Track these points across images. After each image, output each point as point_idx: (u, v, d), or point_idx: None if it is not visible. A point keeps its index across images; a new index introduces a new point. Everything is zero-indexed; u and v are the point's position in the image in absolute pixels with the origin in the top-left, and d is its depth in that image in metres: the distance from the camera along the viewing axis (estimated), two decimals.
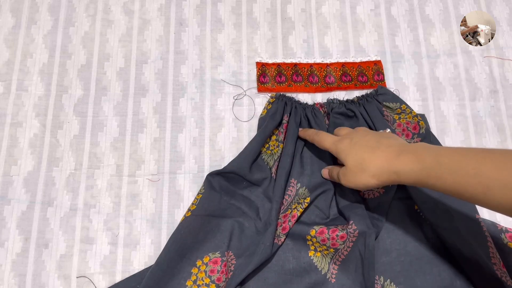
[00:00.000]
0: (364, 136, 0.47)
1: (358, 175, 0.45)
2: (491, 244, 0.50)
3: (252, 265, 0.49)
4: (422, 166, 0.40)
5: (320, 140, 0.52)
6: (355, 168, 0.46)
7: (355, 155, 0.46)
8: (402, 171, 0.42)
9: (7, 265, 0.54)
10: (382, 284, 0.51)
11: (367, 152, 0.45)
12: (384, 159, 0.43)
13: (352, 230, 0.50)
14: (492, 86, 0.64)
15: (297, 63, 0.64)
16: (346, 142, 0.48)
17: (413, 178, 0.41)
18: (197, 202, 0.54)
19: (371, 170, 0.44)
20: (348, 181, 0.47)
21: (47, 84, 0.62)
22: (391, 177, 0.43)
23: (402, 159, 0.42)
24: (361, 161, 0.45)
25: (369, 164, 0.44)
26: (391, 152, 0.43)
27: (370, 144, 0.46)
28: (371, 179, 0.44)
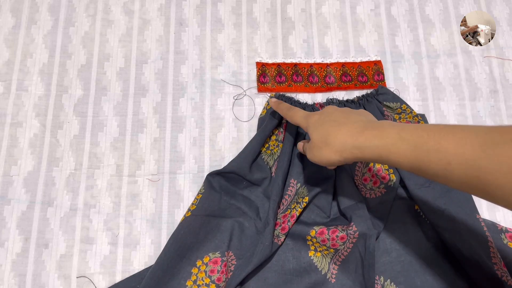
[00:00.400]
0: (334, 112, 0.47)
1: (322, 150, 0.44)
2: (491, 244, 0.50)
3: (252, 265, 0.49)
4: (384, 142, 0.39)
5: (292, 115, 0.51)
6: (320, 143, 0.45)
7: (321, 129, 0.45)
8: (365, 146, 0.41)
9: (7, 265, 0.54)
10: (382, 284, 0.51)
11: (333, 126, 0.44)
12: (348, 134, 0.42)
13: (352, 232, 0.50)
14: (492, 86, 0.64)
15: (297, 63, 0.64)
16: (316, 118, 0.47)
17: (376, 154, 0.40)
18: (197, 202, 0.54)
19: (335, 145, 0.43)
20: (312, 156, 0.47)
21: (47, 84, 0.62)
22: (354, 153, 0.42)
23: (365, 134, 0.41)
24: (326, 135, 0.44)
25: (333, 139, 0.43)
26: (356, 128, 0.42)
27: (337, 119, 0.45)
28: (333, 155, 0.44)
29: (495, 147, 0.31)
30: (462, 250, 0.50)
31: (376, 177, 0.55)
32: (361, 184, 0.56)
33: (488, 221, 0.55)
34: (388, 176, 0.55)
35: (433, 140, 0.36)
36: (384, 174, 0.55)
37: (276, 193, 0.53)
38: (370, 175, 0.56)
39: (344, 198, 0.53)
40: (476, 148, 0.32)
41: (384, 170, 0.55)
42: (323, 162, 0.45)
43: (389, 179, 0.55)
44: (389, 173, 0.55)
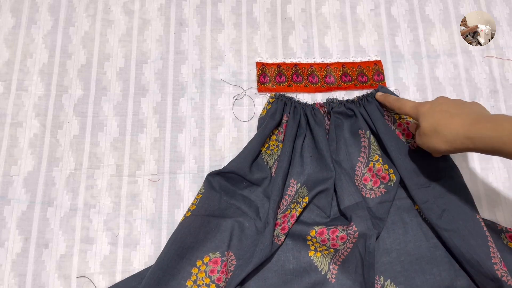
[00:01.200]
0: (446, 102, 0.48)
1: (432, 138, 0.46)
2: (491, 243, 0.50)
3: (252, 264, 0.49)
4: (500, 133, 0.40)
5: (400, 106, 0.53)
6: (430, 132, 0.46)
7: (431, 118, 0.46)
8: (478, 137, 0.42)
9: (7, 265, 0.54)
10: (382, 284, 0.51)
11: (445, 117, 0.45)
12: (460, 125, 0.43)
13: (352, 232, 0.50)
14: (492, 86, 0.64)
15: (297, 63, 0.64)
16: (427, 106, 0.48)
17: (488, 145, 0.41)
18: (197, 202, 0.54)
19: (446, 134, 0.45)
20: (421, 142, 0.48)
21: (47, 84, 0.62)
22: (465, 143, 0.43)
23: (479, 126, 0.42)
24: (436, 125, 0.45)
25: (444, 128, 0.45)
26: (469, 119, 0.43)
27: (450, 110, 0.46)
28: (443, 144, 0.45)
29: None
30: (462, 250, 0.50)
31: (376, 177, 0.55)
32: (361, 184, 0.56)
33: (488, 221, 0.55)
34: (388, 176, 0.55)
35: None
36: (384, 174, 0.55)
37: (276, 193, 0.53)
38: (370, 175, 0.56)
39: (344, 198, 0.53)
40: None
41: (384, 170, 0.55)
42: (431, 149, 0.47)
43: (389, 179, 0.55)
44: (389, 173, 0.55)
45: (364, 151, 0.56)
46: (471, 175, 0.59)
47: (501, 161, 0.60)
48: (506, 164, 0.60)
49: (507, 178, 0.59)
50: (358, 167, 0.56)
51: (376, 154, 0.56)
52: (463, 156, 0.60)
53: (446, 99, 0.49)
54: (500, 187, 0.59)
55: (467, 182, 0.55)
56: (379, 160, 0.55)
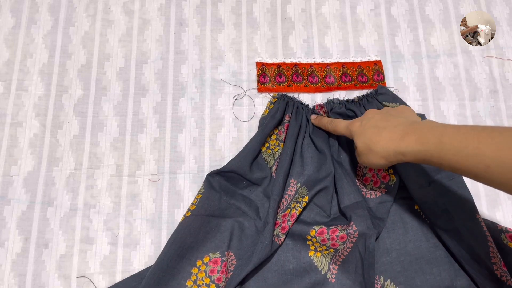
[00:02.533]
0: (373, 117, 0.48)
1: (369, 156, 0.47)
2: (491, 243, 0.50)
3: (252, 264, 0.49)
4: (425, 147, 0.41)
5: (334, 127, 0.53)
6: (365, 150, 0.47)
7: (363, 137, 0.47)
8: (407, 152, 0.43)
9: (7, 265, 0.54)
10: (382, 284, 0.51)
11: (374, 133, 0.46)
12: (390, 141, 0.44)
13: (352, 231, 0.50)
14: (492, 86, 0.64)
15: (297, 63, 0.64)
16: (357, 125, 0.49)
17: (418, 158, 0.42)
18: (197, 202, 0.54)
19: (378, 151, 0.45)
20: (362, 161, 0.49)
21: (47, 84, 0.62)
22: (398, 157, 0.44)
23: (406, 140, 0.43)
24: (369, 143, 0.46)
25: (376, 146, 0.45)
26: (396, 133, 0.44)
27: (378, 125, 0.47)
28: (379, 160, 0.46)
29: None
30: (462, 250, 0.50)
31: (376, 177, 0.55)
32: (361, 184, 0.56)
33: (488, 221, 0.55)
34: (388, 176, 0.55)
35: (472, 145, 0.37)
36: (384, 174, 0.55)
37: (276, 192, 0.53)
38: (371, 175, 0.56)
39: (344, 198, 0.53)
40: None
41: (384, 170, 0.55)
42: (373, 166, 0.48)
43: (390, 179, 0.55)
44: (389, 173, 0.55)
45: None
46: None
47: None
48: None
49: None
50: (359, 167, 0.56)
51: None
52: None
53: (373, 113, 0.49)
54: None
55: (467, 182, 0.55)
56: None
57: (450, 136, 0.39)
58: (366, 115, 0.49)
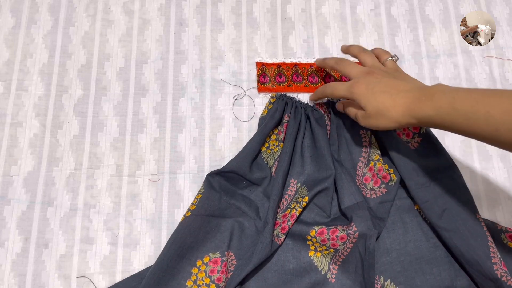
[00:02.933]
0: (380, 80, 0.49)
1: (380, 120, 0.48)
2: (491, 243, 0.50)
3: (252, 264, 0.49)
4: (438, 112, 0.44)
5: (333, 91, 0.54)
6: (376, 114, 0.48)
7: (374, 101, 0.48)
8: (420, 116, 0.45)
9: (7, 265, 0.54)
10: (382, 284, 0.51)
11: (387, 98, 0.47)
12: (404, 106, 0.46)
13: (352, 232, 0.50)
14: (492, 86, 0.64)
15: (297, 63, 0.64)
16: (363, 88, 0.49)
17: (431, 122, 0.45)
18: (197, 202, 0.54)
19: (393, 115, 0.47)
20: (368, 124, 0.50)
21: (47, 84, 0.62)
22: (411, 121, 0.46)
23: (420, 105, 0.45)
24: (382, 107, 0.48)
25: (391, 110, 0.47)
26: (410, 98, 0.46)
27: (388, 90, 0.48)
28: (391, 123, 0.48)
29: None
30: (462, 250, 0.50)
31: (377, 176, 0.55)
32: (362, 184, 0.55)
33: (488, 221, 0.55)
34: (389, 176, 0.55)
35: (482, 109, 0.40)
36: (385, 174, 0.55)
37: (276, 192, 0.53)
38: (371, 174, 0.56)
39: (345, 198, 0.53)
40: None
41: (385, 170, 0.55)
42: (380, 128, 0.50)
43: (390, 178, 0.55)
44: (389, 173, 0.55)
45: (365, 151, 0.56)
46: (471, 175, 0.59)
47: (501, 161, 0.60)
48: (506, 164, 0.60)
49: (507, 178, 0.59)
50: (359, 167, 0.56)
51: (376, 153, 0.56)
52: (463, 156, 0.60)
53: (378, 75, 0.50)
54: (500, 187, 0.59)
55: (467, 182, 0.55)
56: (379, 160, 0.55)
57: (462, 101, 0.42)
58: (369, 79, 0.50)
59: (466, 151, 0.60)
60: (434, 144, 0.55)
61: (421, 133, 0.57)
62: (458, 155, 0.60)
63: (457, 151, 0.60)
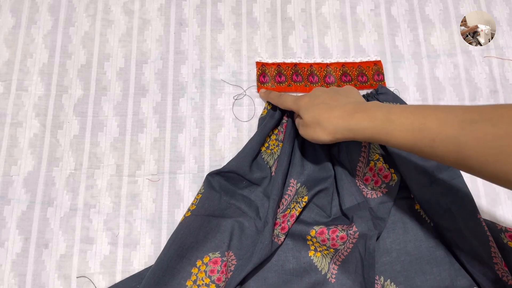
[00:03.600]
0: (323, 94, 0.50)
1: (316, 130, 0.48)
2: (492, 243, 0.50)
3: (251, 264, 0.49)
4: (373, 123, 0.43)
5: (283, 102, 0.55)
6: (312, 124, 0.48)
7: (312, 111, 0.49)
8: (356, 128, 0.45)
9: (7, 265, 0.54)
10: (382, 284, 0.51)
11: (324, 109, 0.48)
12: (340, 117, 0.46)
13: (353, 232, 0.50)
14: (492, 86, 0.64)
15: (297, 63, 0.64)
16: (306, 100, 0.51)
17: (366, 134, 0.44)
18: (196, 202, 0.54)
19: (327, 127, 0.47)
20: (305, 134, 0.50)
21: (47, 84, 0.62)
22: (345, 134, 0.46)
23: (356, 117, 0.45)
24: (318, 117, 0.48)
25: (325, 121, 0.47)
26: (346, 111, 0.46)
27: (328, 102, 0.48)
28: (326, 135, 0.47)
29: (473, 124, 0.36)
30: (464, 250, 0.50)
31: (377, 176, 0.55)
32: (362, 185, 0.55)
33: (487, 221, 0.55)
34: (390, 175, 0.55)
35: (417, 121, 0.40)
36: (386, 173, 0.55)
37: (276, 192, 0.53)
38: (372, 174, 0.56)
39: (346, 199, 0.53)
40: (456, 126, 0.37)
41: (386, 169, 0.55)
42: (315, 140, 0.49)
43: (391, 178, 0.55)
44: (391, 172, 0.55)
45: (365, 150, 0.56)
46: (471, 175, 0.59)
47: None
48: None
49: None
50: (359, 167, 0.56)
51: (376, 153, 0.56)
52: None
53: (322, 90, 0.51)
54: (500, 187, 0.59)
55: (467, 182, 0.55)
56: (380, 159, 0.55)
57: (397, 113, 0.42)
58: (314, 92, 0.51)
59: None
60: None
61: None
62: None
63: None
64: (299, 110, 0.51)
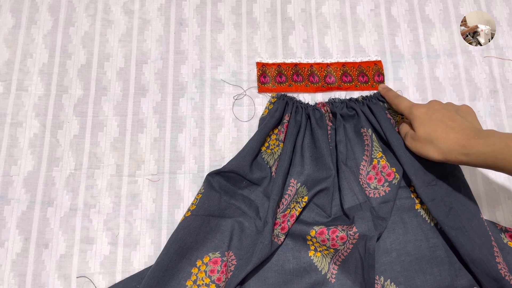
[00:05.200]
0: (441, 109, 0.50)
1: (426, 147, 0.49)
2: (494, 243, 0.50)
3: (251, 264, 0.49)
4: (491, 149, 0.43)
5: (397, 104, 0.55)
6: (424, 140, 0.49)
7: (428, 127, 0.49)
8: (472, 153, 0.45)
9: (7, 265, 0.54)
10: (382, 284, 0.51)
11: (441, 129, 0.48)
12: (456, 141, 0.46)
13: (353, 233, 0.50)
14: (492, 86, 0.64)
15: (297, 63, 0.64)
16: (423, 111, 0.50)
17: (481, 160, 0.45)
18: (196, 202, 0.54)
19: (441, 147, 0.47)
20: (414, 147, 0.51)
21: (47, 84, 0.62)
22: (459, 158, 0.46)
23: (473, 142, 0.45)
24: (433, 135, 0.48)
25: (441, 142, 0.47)
26: (464, 135, 0.46)
27: (445, 121, 0.48)
28: (437, 155, 0.48)
29: None
30: (467, 249, 0.50)
31: (381, 174, 0.55)
32: (365, 183, 0.55)
33: (487, 221, 0.55)
34: (393, 174, 0.55)
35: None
36: (390, 171, 0.55)
37: (276, 192, 0.53)
38: (375, 173, 0.55)
39: (347, 198, 0.53)
40: None
41: (389, 167, 0.55)
42: (423, 155, 0.50)
43: (394, 177, 0.55)
44: (393, 171, 0.55)
45: (367, 149, 0.56)
46: (471, 175, 0.59)
47: None
48: None
49: (507, 178, 0.59)
50: (363, 166, 0.56)
51: (379, 151, 0.56)
52: None
53: (440, 105, 0.51)
54: (500, 187, 0.59)
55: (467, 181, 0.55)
56: (382, 157, 0.55)
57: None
58: (432, 106, 0.51)
59: None
60: None
61: None
62: None
63: None
64: (413, 119, 0.51)
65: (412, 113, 0.51)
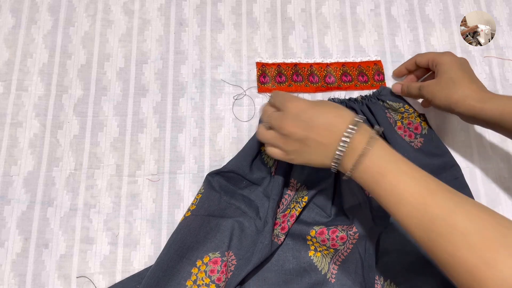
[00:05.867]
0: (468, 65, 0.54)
1: (446, 90, 0.51)
2: None
3: (251, 264, 0.49)
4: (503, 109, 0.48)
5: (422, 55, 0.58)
6: (447, 84, 0.51)
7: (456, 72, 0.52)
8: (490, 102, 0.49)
9: (7, 265, 0.54)
10: (382, 284, 0.51)
11: (467, 77, 0.52)
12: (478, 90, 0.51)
13: (353, 233, 0.50)
14: (492, 86, 0.64)
15: (297, 63, 0.64)
16: (454, 58, 0.54)
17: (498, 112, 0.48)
18: (196, 202, 0.54)
19: (461, 91, 0.50)
20: (430, 91, 0.53)
21: (47, 84, 0.62)
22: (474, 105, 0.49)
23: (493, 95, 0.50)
24: (458, 80, 0.51)
25: (463, 87, 0.51)
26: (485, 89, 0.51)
27: (472, 74, 0.53)
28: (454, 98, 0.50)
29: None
30: None
31: None
32: None
33: None
34: None
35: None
36: None
37: (276, 192, 0.53)
38: None
39: (348, 198, 0.53)
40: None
41: None
42: (437, 100, 0.52)
43: None
44: None
45: None
46: (471, 174, 0.59)
47: (501, 161, 0.60)
48: (506, 164, 0.60)
49: (507, 178, 0.59)
50: None
51: None
52: (463, 155, 0.60)
53: (463, 62, 0.54)
54: (500, 187, 0.59)
55: (467, 181, 0.55)
56: None
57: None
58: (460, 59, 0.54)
59: (466, 151, 0.60)
60: (437, 144, 0.55)
61: (422, 134, 0.57)
62: (458, 155, 0.60)
63: (457, 151, 0.60)
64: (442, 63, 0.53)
65: (443, 58, 0.53)
